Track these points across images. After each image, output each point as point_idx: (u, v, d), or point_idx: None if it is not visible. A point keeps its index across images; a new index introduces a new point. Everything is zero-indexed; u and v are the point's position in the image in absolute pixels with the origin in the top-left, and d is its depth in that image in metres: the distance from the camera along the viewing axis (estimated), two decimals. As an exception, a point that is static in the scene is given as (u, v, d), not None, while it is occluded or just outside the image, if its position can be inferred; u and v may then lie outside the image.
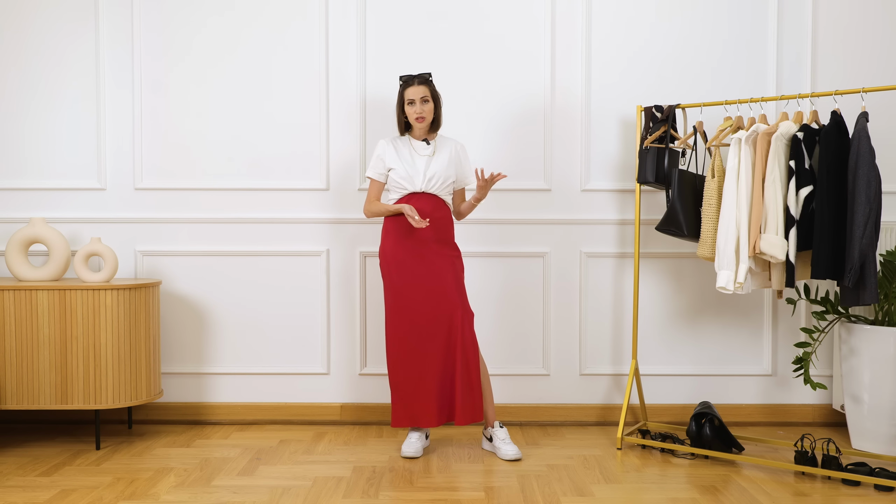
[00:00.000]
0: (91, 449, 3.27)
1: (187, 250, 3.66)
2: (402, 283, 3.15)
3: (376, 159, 3.22)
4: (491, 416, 3.22)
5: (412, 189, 3.16)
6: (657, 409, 3.66)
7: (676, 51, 3.63)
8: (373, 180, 3.24)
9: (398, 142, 3.24)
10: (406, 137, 3.25)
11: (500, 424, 3.20)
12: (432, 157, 3.20)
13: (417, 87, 3.14)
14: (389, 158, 3.19)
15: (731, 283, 3.00)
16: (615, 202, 3.66)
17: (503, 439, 3.14)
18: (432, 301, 3.13)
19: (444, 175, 3.18)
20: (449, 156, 3.21)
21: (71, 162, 3.66)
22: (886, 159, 3.52)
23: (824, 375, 3.63)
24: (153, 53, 3.64)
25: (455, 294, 3.15)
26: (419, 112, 3.14)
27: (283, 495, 2.70)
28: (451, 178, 3.20)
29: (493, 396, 3.25)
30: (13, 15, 3.62)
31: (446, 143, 3.25)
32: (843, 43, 3.60)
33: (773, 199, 2.93)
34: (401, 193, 3.19)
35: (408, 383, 3.14)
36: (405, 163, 3.17)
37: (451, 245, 3.22)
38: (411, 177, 3.15)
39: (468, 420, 3.09)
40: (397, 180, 3.17)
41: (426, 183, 3.16)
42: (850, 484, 2.81)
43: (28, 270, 3.34)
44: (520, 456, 3.10)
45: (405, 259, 3.15)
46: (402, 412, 3.16)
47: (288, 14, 3.64)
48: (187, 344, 3.68)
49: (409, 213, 3.02)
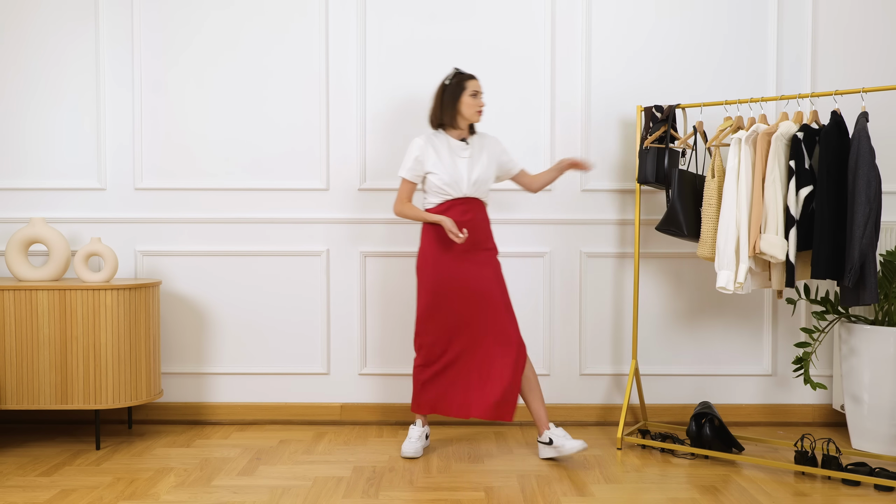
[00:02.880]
0: (91, 449, 3.27)
1: (187, 250, 3.66)
2: (443, 287, 3.08)
3: (414, 161, 3.08)
4: (546, 418, 3.12)
5: (456, 195, 3.07)
6: (657, 409, 3.66)
7: (676, 51, 3.63)
8: (406, 181, 3.11)
9: (436, 141, 3.10)
10: (443, 135, 3.12)
11: (554, 424, 3.15)
12: (472, 158, 3.09)
13: (476, 80, 3.08)
14: (430, 162, 3.06)
15: (731, 283, 3.00)
16: (615, 202, 3.66)
17: (564, 436, 3.04)
18: (474, 302, 3.07)
19: (488, 177, 3.11)
20: (489, 155, 3.13)
21: (71, 162, 3.66)
22: (886, 159, 3.52)
23: (824, 375, 3.63)
24: (153, 53, 3.64)
25: (497, 292, 3.08)
26: (479, 106, 3.07)
27: (283, 495, 2.70)
28: (493, 177, 3.15)
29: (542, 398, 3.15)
30: (13, 14, 3.62)
31: (482, 140, 3.16)
32: (843, 43, 3.61)
33: (773, 199, 2.93)
34: (442, 198, 3.08)
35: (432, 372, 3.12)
36: (446, 166, 3.05)
37: (489, 244, 3.16)
38: (456, 182, 3.05)
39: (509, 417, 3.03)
40: (440, 186, 3.06)
41: (471, 188, 3.07)
42: (850, 484, 2.81)
43: (28, 270, 3.34)
44: (586, 445, 3.03)
45: (447, 265, 3.08)
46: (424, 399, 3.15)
47: (288, 14, 3.63)
48: (187, 344, 3.68)
49: (451, 229, 2.95)
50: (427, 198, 3.14)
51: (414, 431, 3.21)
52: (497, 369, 3.05)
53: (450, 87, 3.09)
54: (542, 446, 3.11)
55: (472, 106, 3.07)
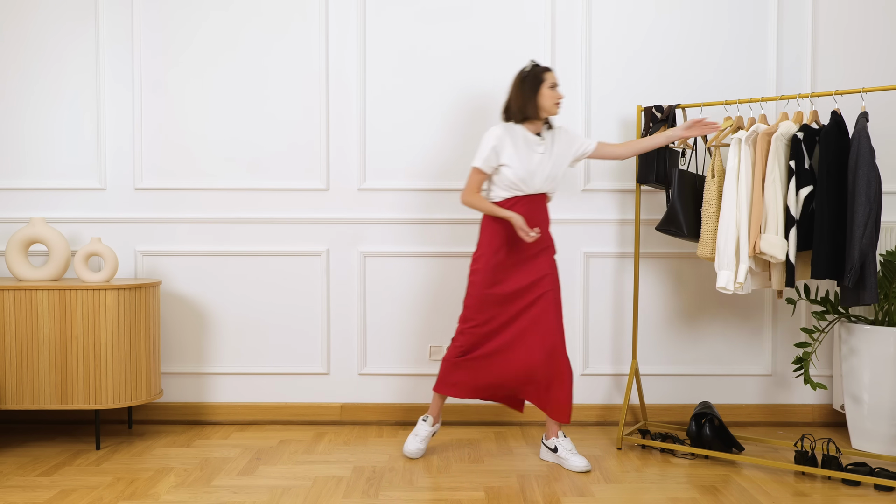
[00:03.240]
0: (91, 449, 3.27)
1: (187, 250, 3.66)
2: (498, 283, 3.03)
3: (491, 151, 2.97)
4: (554, 425, 3.08)
5: (527, 192, 3.01)
6: (657, 409, 3.66)
7: (676, 51, 3.63)
8: (479, 170, 3.00)
9: (513, 133, 3.00)
10: (519, 129, 3.02)
11: (564, 434, 3.09)
12: (546, 153, 3.01)
13: (553, 73, 3.00)
14: (506, 154, 2.97)
15: (731, 283, 3.00)
16: (615, 202, 3.66)
17: (570, 450, 3.01)
18: (527, 301, 3.02)
19: (561, 172, 3.06)
20: (561, 148, 3.05)
21: (71, 162, 3.66)
22: (886, 159, 3.52)
23: (824, 375, 3.63)
24: (153, 52, 3.64)
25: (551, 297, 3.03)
26: (561, 96, 3.01)
27: (283, 495, 2.70)
28: (565, 170, 3.11)
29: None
30: (12, 13, 3.62)
31: (554, 134, 3.07)
32: (843, 43, 3.61)
33: (773, 199, 2.93)
34: (511, 193, 3.01)
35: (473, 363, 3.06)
36: (522, 160, 2.96)
37: (548, 241, 3.10)
38: (530, 178, 2.98)
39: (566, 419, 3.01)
40: (512, 180, 2.98)
41: (543, 184, 3.02)
42: (850, 484, 2.81)
43: (28, 270, 3.34)
44: (590, 468, 2.97)
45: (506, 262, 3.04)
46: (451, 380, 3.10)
47: (287, 14, 3.63)
48: (187, 344, 3.68)
49: (522, 227, 2.90)
50: (493, 190, 3.04)
51: (423, 429, 3.15)
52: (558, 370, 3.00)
53: (528, 79, 3.00)
54: (546, 449, 3.10)
55: (551, 98, 2.98)
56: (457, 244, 3.64)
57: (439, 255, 3.65)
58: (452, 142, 3.63)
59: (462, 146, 3.63)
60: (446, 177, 3.63)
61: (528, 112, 2.99)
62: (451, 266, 3.65)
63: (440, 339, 3.66)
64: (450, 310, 3.64)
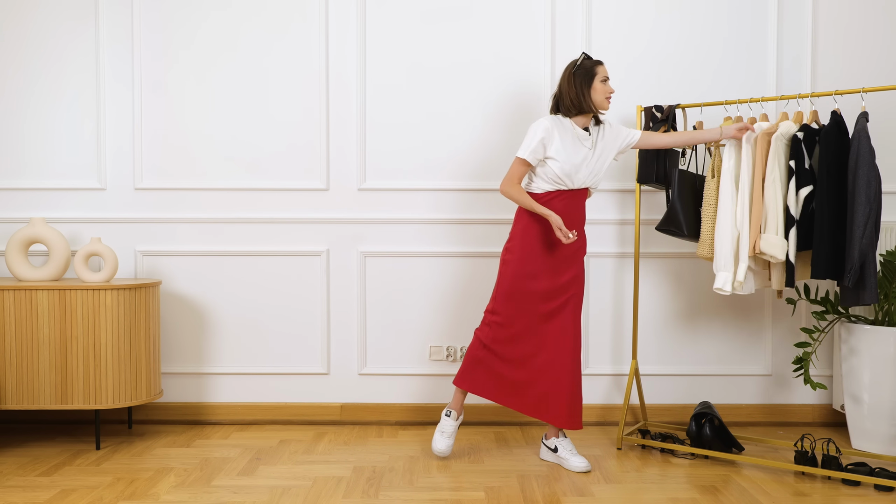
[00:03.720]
0: (91, 449, 3.27)
1: (187, 250, 3.66)
2: (527, 277, 2.98)
3: (539, 143, 2.91)
4: None
5: (570, 187, 2.96)
6: (657, 409, 3.66)
7: (677, 51, 3.63)
8: (523, 160, 2.94)
9: (562, 126, 2.95)
10: (568, 122, 2.96)
11: (565, 434, 3.07)
12: (593, 149, 2.96)
13: (604, 66, 2.95)
14: (553, 147, 2.91)
15: (729, 284, 2.99)
16: (615, 202, 3.66)
17: (571, 450, 3.00)
18: (552, 300, 2.99)
19: (605, 168, 3.01)
20: (606, 143, 3.01)
21: (71, 162, 3.66)
22: (886, 159, 3.52)
23: (824, 375, 3.63)
24: (153, 52, 3.64)
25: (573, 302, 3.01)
26: (612, 91, 2.95)
27: (283, 495, 2.70)
28: (609, 165, 3.06)
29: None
30: (12, 13, 3.62)
31: (600, 130, 3.03)
32: (843, 43, 3.61)
33: (772, 199, 2.93)
34: (554, 187, 2.96)
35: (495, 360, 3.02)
36: (569, 155, 2.91)
37: (583, 241, 3.07)
38: (574, 173, 2.93)
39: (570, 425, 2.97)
40: (557, 174, 2.92)
41: (587, 179, 2.98)
42: (850, 484, 2.81)
43: (28, 270, 3.34)
44: (590, 468, 2.97)
45: (538, 258, 2.98)
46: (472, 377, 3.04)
47: (287, 14, 3.63)
48: (187, 344, 3.68)
49: (560, 227, 2.85)
50: (535, 182, 2.99)
51: (448, 425, 3.09)
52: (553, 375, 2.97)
53: (580, 72, 2.94)
54: (546, 449, 3.10)
55: (602, 92, 2.93)
56: (458, 244, 3.64)
57: (440, 255, 3.65)
58: (454, 141, 3.63)
59: (463, 145, 3.63)
60: (447, 176, 3.63)
61: (584, 107, 2.93)
62: (452, 266, 3.65)
63: (440, 339, 3.66)
64: (451, 309, 3.64)
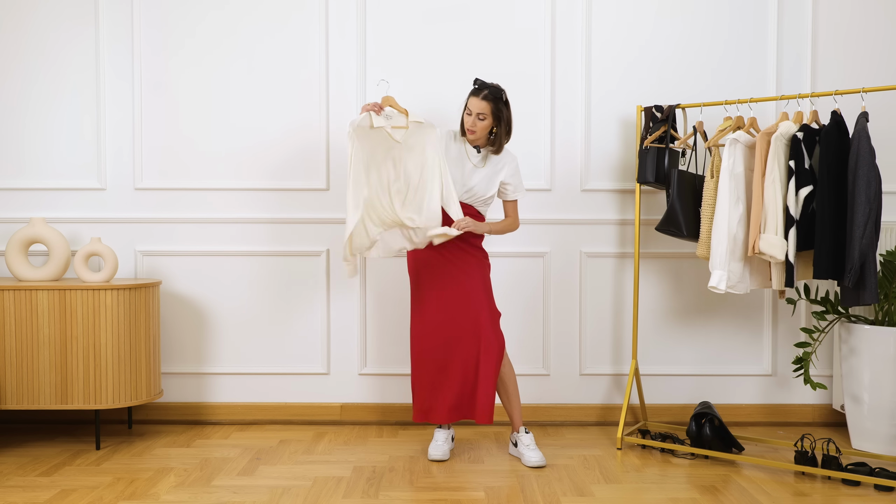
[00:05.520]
0: (91, 449, 3.27)
1: (187, 250, 3.66)
2: (430, 283, 3.11)
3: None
4: (517, 419, 3.14)
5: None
6: (657, 409, 3.66)
7: (677, 51, 3.63)
8: None
9: (453, 140, 3.12)
10: (462, 139, 3.13)
11: (526, 430, 3.11)
12: (478, 167, 3.10)
13: (480, 101, 3.00)
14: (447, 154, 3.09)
15: (723, 283, 2.99)
16: (615, 202, 3.66)
17: (528, 445, 3.06)
18: (459, 301, 3.07)
19: (483, 191, 3.09)
20: (494, 171, 3.10)
21: (71, 162, 3.66)
22: (886, 159, 3.52)
23: (824, 375, 3.63)
24: (153, 52, 3.64)
25: (482, 294, 3.10)
26: (471, 125, 3.03)
27: (283, 495, 2.70)
28: (489, 193, 3.11)
29: (519, 399, 3.16)
30: (12, 12, 3.62)
31: (503, 157, 3.13)
32: (843, 43, 3.61)
33: (772, 199, 2.93)
34: None
35: (425, 379, 3.10)
36: (451, 167, 3.06)
37: (478, 248, 3.16)
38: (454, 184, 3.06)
39: (484, 419, 3.03)
40: None
41: (463, 194, 3.08)
42: (850, 484, 2.81)
43: (28, 270, 3.34)
44: (544, 463, 3.01)
45: (433, 261, 3.11)
46: (418, 407, 3.13)
47: (287, 13, 3.63)
48: (187, 344, 3.68)
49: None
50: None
51: (440, 434, 3.18)
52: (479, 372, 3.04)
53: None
54: (510, 444, 3.19)
55: (465, 122, 3.06)
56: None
57: (439, 255, 3.64)
58: (452, 142, 3.63)
59: (462, 146, 3.63)
60: (446, 177, 3.63)
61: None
62: (451, 266, 3.65)
63: (440, 339, 3.66)
64: (450, 310, 3.64)
